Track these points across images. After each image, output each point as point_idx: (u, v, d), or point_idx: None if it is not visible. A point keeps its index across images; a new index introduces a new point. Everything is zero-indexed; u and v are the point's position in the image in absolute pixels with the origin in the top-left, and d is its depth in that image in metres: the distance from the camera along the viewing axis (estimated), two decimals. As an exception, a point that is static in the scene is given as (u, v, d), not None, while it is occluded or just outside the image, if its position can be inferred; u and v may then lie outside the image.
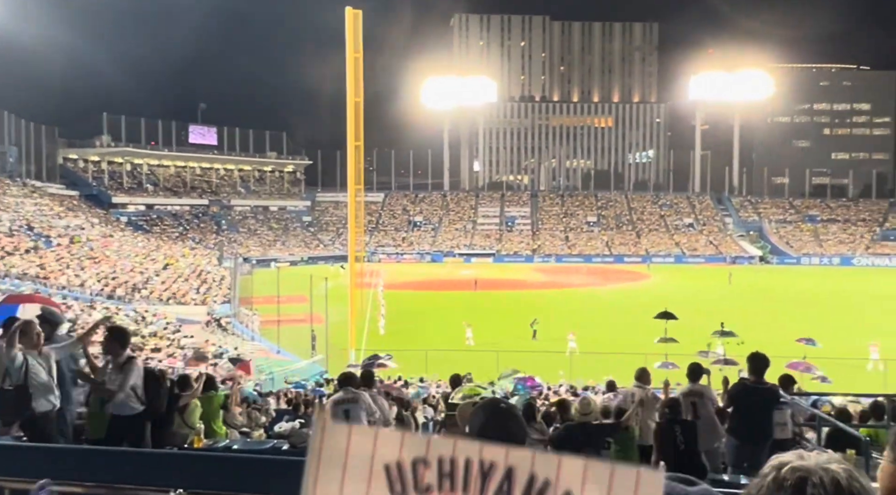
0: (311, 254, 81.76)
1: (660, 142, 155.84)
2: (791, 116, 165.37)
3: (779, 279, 63.57)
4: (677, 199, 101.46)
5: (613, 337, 30.57)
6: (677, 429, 6.41)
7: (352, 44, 31.13)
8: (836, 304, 45.41)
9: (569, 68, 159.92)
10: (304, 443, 7.13)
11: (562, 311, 39.84)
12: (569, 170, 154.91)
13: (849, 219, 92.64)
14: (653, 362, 19.55)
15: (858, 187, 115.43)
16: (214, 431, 8.24)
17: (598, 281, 61.48)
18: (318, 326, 31.13)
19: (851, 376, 21.99)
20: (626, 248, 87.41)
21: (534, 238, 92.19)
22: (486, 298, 47.86)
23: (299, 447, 7.10)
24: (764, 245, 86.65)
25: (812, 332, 25.33)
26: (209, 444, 7.31)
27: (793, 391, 9.20)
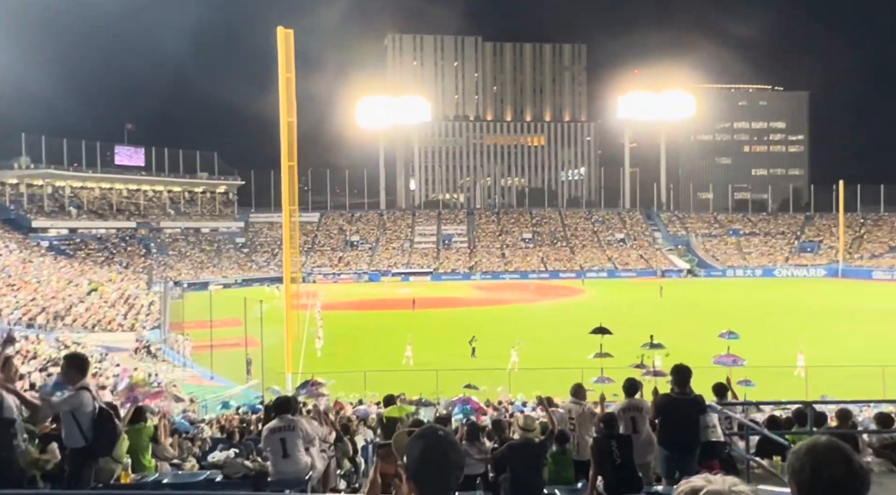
0: (246, 275, 80.00)
1: (591, 159, 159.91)
2: (713, 134, 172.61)
3: (707, 291, 65.84)
4: (609, 215, 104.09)
5: (551, 352, 30.93)
6: (613, 444, 6.51)
7: (284, 63, 30.84)
8: (761, 314, 47.30)
9: (501, 88, 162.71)
10: (239, 473, 6.90)
11: (500, 328, 40.12)
12: (504, 187, 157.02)
13: (769, 232, 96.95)
14: (589, 377, 19.86)
15: (777, 201, 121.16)
16: (143, 465, 7.89)
17: (534, 296, 62.28)
18: (253, 350, 30.39)
19: (777, 383, 22.88)
20: (561, 264, 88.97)
21: (471, 255, 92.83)
22: (425, 317, 47.77)
23: (234, 478, 6.87)
24: (691, 258, 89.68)
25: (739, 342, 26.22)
26: (137, 479, 7.00)
27: (726, 399, 9.48)
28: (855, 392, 18.74)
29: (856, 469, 1.76)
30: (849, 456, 1.78)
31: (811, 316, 46.07)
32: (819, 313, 47.50)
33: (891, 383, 21.04)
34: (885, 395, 18.77)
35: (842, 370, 23.98)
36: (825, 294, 61.62)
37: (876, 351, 29.59)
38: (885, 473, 6.53)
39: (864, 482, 1.75)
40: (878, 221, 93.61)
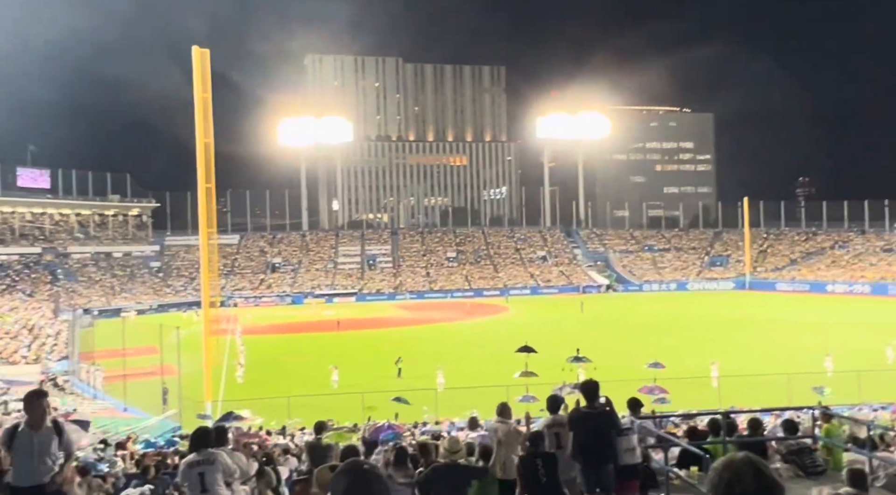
0: (162, 301, 76.97)
1: (512, 179, 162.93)
2: (627, 154, 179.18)
3: (625, 305, 67.92)
4: (530, 233, 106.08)
5: (477, 370, 31.11)
6: (539, 463, 6.57)
7: (199, 83, 30.10)
8: (676, 327, 49.15)
9: (423, 109, 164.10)
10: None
11: (426, 348, 40.07)
12: (427, 207, 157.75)
13: (681, 247, 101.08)
14: (514, 395, 20.07)
15: (688, 218, 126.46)
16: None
17: (459, 315, 62.58)
18: (169, 379, 29.17)
19: (692, 394, 23.75)
20: (485, 282, 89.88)
21: (395, 275, 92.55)
22: (350, 338, 47.22)
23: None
24: (610, 274, 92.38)
25: (656, 354, 27.16)
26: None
27: (640, 414, 9.76)
28: (764, 400, 19.68)
29: (769, 483, 1.85)
30: (762, 471, 1.88)
31: (722, 327, 48.22)
32: (729, 325, 49.78)
33: (796, 390, 22.20)
34: (791, 402, 19.77)
35: (751, 379, 25.14)
36: (734, 306, 64.66)
37: (782, 359, 31.22)
38: (792, 478, 6.88)
39: (776, 494, 1.85)
40: (779, 236, 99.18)
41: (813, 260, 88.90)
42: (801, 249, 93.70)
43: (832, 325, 46.31)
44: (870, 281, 75.02)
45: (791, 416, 13.06)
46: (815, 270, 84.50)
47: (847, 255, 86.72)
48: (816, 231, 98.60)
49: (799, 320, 50.87)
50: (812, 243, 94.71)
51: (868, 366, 26.92)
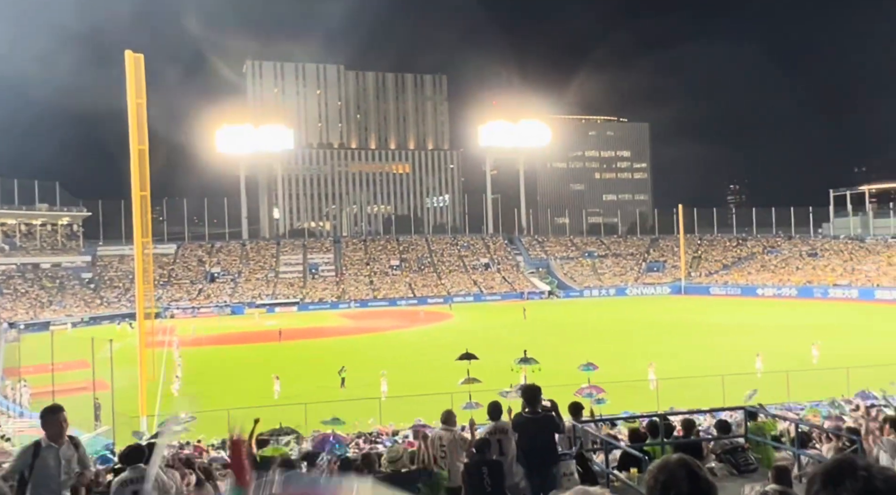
0: (94, 313, 74.17)
1: (455, 186, 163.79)
2: (567, 162, 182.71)
3: (567, 311, 69.04)
4: (473, 241, 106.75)
5: (421, 378, 31.04)
6: (484, 471, 6.60)
7: (133, 89, 29.25)
8: (615, 331, 50.21)
9: (365, 116, 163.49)
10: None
11: (370, 356, 39.78)
12: (370, 215, 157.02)
13: (620, 253, 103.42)
14: (459, 402, 20.11)
15: (626, 225, 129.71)
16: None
17: (404, 323, 62.41)
18: (102, 394, 28.09)
19: (631, 396, 24.27)
20: (429, 290, 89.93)
21: (338, 284, 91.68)
22: (292, 348, 46.48)
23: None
24: (552, 280, 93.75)
25: (597, 357, 27.62)
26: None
27: (581, 418, 9.92)
28: (699, 401, 20.27)
29: (702, 485, 1.91)
30: (696, 473, 1.95)
31: (659, 331, 49.50)
32: (666, 328, 51.15)
33: (730, 390, 22.94)
34: (725, 402, 20.42)
35: (687, 380, 25.87)
36: (670, 310, 66.48)
37: (716, 361, 32.25)
38: (726, 476, 7.10)
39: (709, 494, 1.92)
40: (712, 242, 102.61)
41: (744, 264, 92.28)
42: (733, 254, 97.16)
43: (762, 327, 48.13)
44: (796, 284, 78.32)
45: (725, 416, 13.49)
46: (745, 275, 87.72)
47: (775, 260, 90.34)
48: (746, 237, 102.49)
49: (731, 323, 52.68)
50: (742, 248, 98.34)
51: (795, 366, 28.09)
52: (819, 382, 23.62)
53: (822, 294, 72.99)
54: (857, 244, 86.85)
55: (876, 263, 77.56)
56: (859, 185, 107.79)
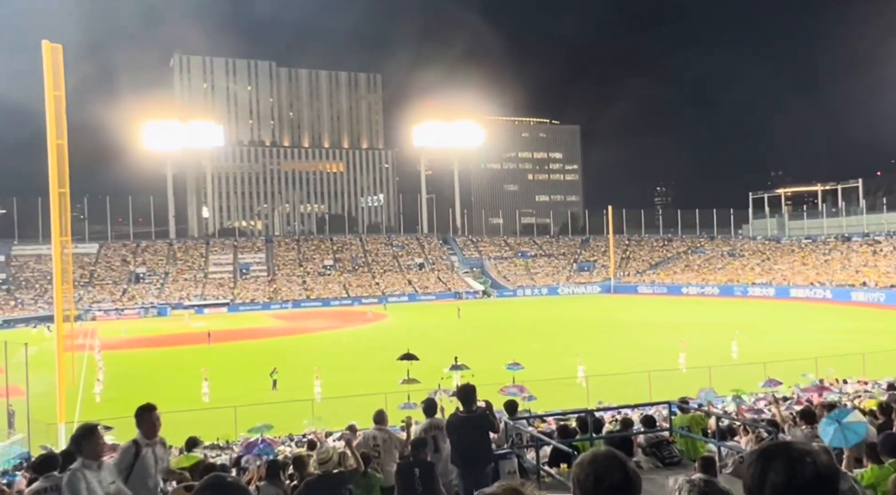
0: (8, 316, 70.42)
1: (389, 186, 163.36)
2: (501, 163, 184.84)
3: (500, 310, 69.81)
4: (408, 241, 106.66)
5: (357, 379, 30.81)
6: (416, 471, 6.60)
7: (51, 81, 27.93)
8: (548, 330, 51.08)
9: (298, 114, 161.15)
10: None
11: (303, 358, 39.19)
12: (303, 214, 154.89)
13: (552, 253, 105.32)
14: (394, 402, 20.06)
15: (558, 225, 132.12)
16: None
17: (337, 323, 61.80)
18: (17, 400, 26.71)
19: (562, 393, 24.75)
20: (363, 290, 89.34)
21: (270, 284, 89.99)
22: (222, 350, 45.31)
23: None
24: (486, 280, 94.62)
25: (528, 355, 28.09)
26: None
27: (516, 415, 10.06)
28: (627, 396, 20.85)
29: (631, 475, 1.97)
30: (624, 464, 2.00)
31: (589, 329, 50.68)
32: (596, 326, 52.40)
33: (656, 386, 23.69)
34: (652, 398, 21.06)
35: (616, 377, 26.57)
36: (600, 309, 68.15)
37: (643, 357, 33.23)
38: (652, 469, 7.33)
39: (638, 485, 1.98)
40: (640, 242, 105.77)
41: (669, 264, 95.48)
42: (659, 254, 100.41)
43: (686, 325, 49.88)
44: (718, 283, 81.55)
45: (651, 411, 13.92)
46: (671, 274, 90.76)
47: (699, 260, 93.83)
48: (672, 237, 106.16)
49: (657, 320, 54.40)
50: (668, 249, 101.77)
51: (717, 362, 29.24)
52: (738, 376, 24.64)
53: (742, 292, 76.26)
54: (773, 244, 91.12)
55: (791, 263, 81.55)
56: (776, 189, 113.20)
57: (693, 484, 3.70)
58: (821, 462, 1.71)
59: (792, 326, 48.36)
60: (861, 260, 74.37)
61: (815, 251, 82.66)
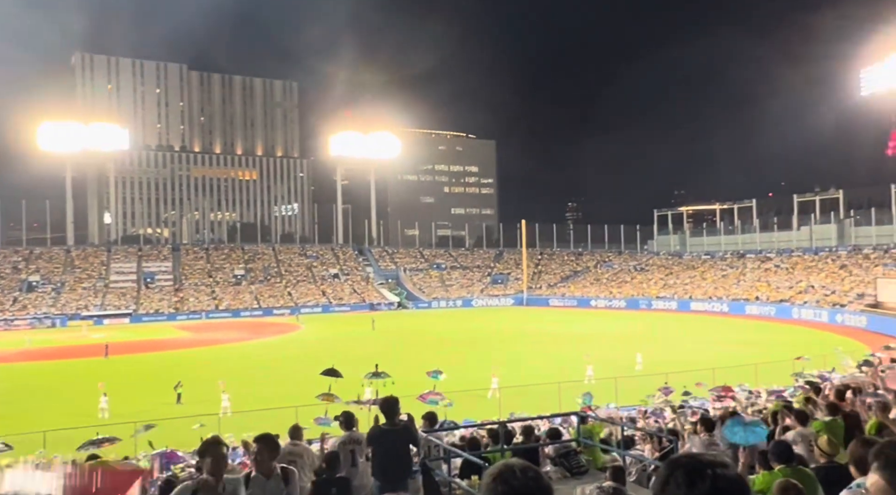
0: None
1: (304, 195, 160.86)
2: (418, 175, 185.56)
3: (415, 322, 69.87)
4: (323, 251, 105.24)
5: (268, 392, 30.07)
6: (333, 491, 6.53)
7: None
8: (462, 341, 51.51)
9: (210, 119, 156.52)
10: None
11: (210, 370, 37.89)
12: (213, 222, 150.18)
13: (467, 266, 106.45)
14: (307, 416, 19.70)
15: (473, 238, 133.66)
16: None
17: (248, 335, 60.15)
18: None
19: (474, 404, 25.01)
20: (275, 301, 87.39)
21: (176, 294, 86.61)
22: (122, 364, 43.18)
23: None
24: (401, 291, 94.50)
25: (442, 367, 28.17)
26: None
27: (436, 427, 10.12)
28: (538, 407, 21.31)
29: (543, 485, 2.02)
30: (538, 475, 2.06)
31: (502, 341, 51.46)
32: (509, 338, 53.27)
33: (566, 397, 24.30)
34: (561, 408, 21.59)
35: (527, 388, 27.09)
36: (513, 321, 69.36)
37: (553, 369, 34.02)
38: (560, 479, 7.54)
39: (547, 493, 2.03)
40: (552, 256, 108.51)
41: (579, 278, 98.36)
42: (570, 268, 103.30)
43: (594, 337, 51.50)
44: (625, 296, 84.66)
45: (559, 422, 14.28)
46: (581, 287, 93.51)
47: (607, 274, 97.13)
48: (582, 251, 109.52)
49: (567, 332, 55.88)
50: (579, 262, 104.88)
51: (622, 373, 30.32)
52: (642, 387, 25.63)
53: (647, 305, 79.46)
54: (676, 260, 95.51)
55: (691, 277, 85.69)
56: (679, 207, 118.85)
57: (604, 491, 3.85)
58: (723, 475, 1.72)
59: (692, 338, 50.75)
60: (755, 275, 79.02)
61: (714, 267, 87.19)
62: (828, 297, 64.08)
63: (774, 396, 18.75)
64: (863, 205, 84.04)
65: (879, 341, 39.86)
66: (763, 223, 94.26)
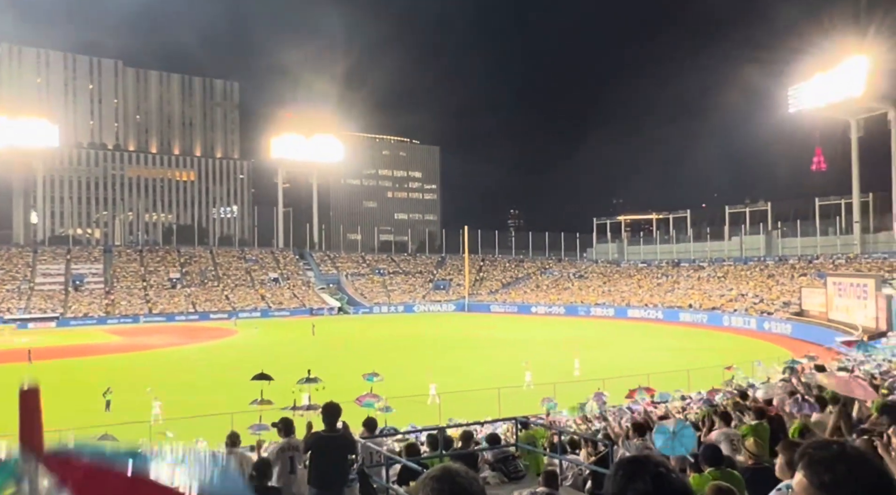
0: None
1: (244, 198, 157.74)
2: (361, 180, 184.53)
3: (356, 327, 69.31)
4: (262, 254, 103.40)
5: (203, 398, 29.29)
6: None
7: None
8: (403, 347, 51.36)
9: (146, 118, 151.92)
10: None
11: (141, 376, 36.68)
12: (148, 223, 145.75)
13: (409, 271, 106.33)
14: (242, 422, 19.27)
15: (416, 243, 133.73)
16: None
17: (182, 340, 58.52)
18: None
19: (414, 409, 24.94)
20: (212, 305, 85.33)
21: (107, 297, 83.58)
22: (47, 369, 41.33)
23: None
24: (342, 296, 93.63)
25: (382, 371, 28.05)
26: None
27: (376, 433, 10.03)
28: (478, 413, 21.41)
29: (476, 489, 2.03)
30: (471, 479, 2.06)
31: (443, 346, 51.56)
32: (449, 344, 53.42)
33: (505, 403, 24.51)
34: (501, 414, 21.77)
35: (468, 394, 27.20)
36: (454, 326, 69.57)
37: (493, 374, 34.27)
38: (498, 484, 7.58)
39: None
40: (494, 262, 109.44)
41: (520, 284, 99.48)
42: (511, 274, 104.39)
43: (534, 342, 52.16)
44: (565, 303, 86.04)
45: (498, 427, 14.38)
46: (521, 293, 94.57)
47: (547, 280, 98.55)
48: (523, 258, 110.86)
49: (508, 338, 56.42)
50: (520, 269, 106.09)
51: (561, 378, 30.79)
52: (579, 392, 26.06)
53: (586, 312, 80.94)
54: (614, 267, 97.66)
55: (629, 285, 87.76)
56: (617, 216, 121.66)
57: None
58: (664, 473, 1.82)
59: (628, 344, 51.94)
60: (688, 284, 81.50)
61: (650, 275, 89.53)
62: (756, 305, 66.59)
63: (705, 402, 19.34)
64: (789, 218, 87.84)
65: (803, 347, 41.72)
66: (697, 233, 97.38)
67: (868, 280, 50.62)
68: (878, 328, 45.18)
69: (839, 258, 72.32)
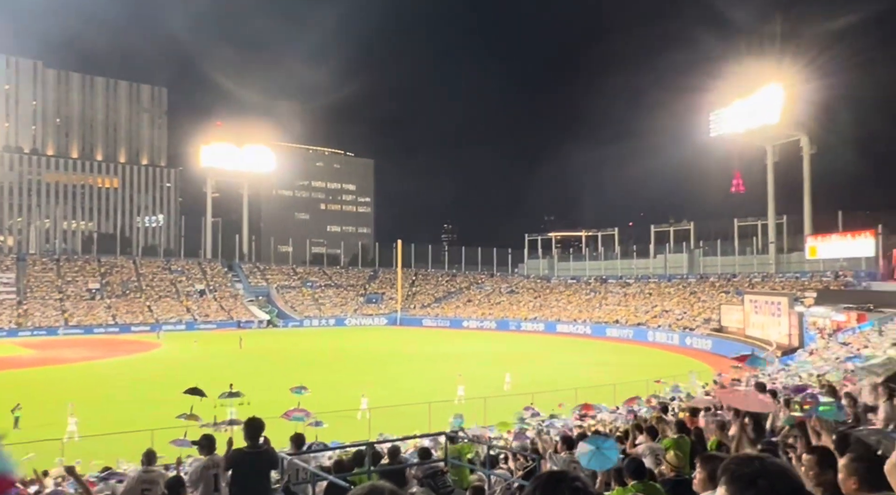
0: None
1: (170, 207, 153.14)
2: (293, 191, 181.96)
3: (286, 341, 68.03)
4: (189, 265, 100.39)
5: (122, 414, 28.12)
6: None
7: None
8: (332, 361, 50.72)
9: (67, 121, 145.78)
10: None
11: (55, 392, 34.92)
12: (66, 231, 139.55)
13: (341, 284, 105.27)
14: (163, 438, 18.59)
15: (348, 256, 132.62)
16: None
17: (100, 353, 56.06)
18: None
19: (343, 426, 24.64)
20: (134, 317, 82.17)
21: (19, 308, 79.32)
22: (-49, 386, 38.84)
23: None
24: (272, 309, 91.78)
25: (311, 386, 27.58)
26: None
27: (303, 449, 9.86)
28: (408, 427, 21.33)
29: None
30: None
31: (374, 360, 51.21)
32: (381, 358, 53.10)
33: (435, 417, 24.49)
34: (431, 428, 21.74)
35: (398, 409, 27.06)
36: (386, 341, 69.22)
37: (425, 389, 34.24)
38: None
39: None
40: (426, 276, 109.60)
41: (452, 299, 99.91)
42: (444, 289, 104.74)
43: (466, 357, 52.41)
44: (496, 318, 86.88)
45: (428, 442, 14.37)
46: (454, 308, 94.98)
47: (479, 295, 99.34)
48: (456, 273, 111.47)
49: (439, 353, 56.51)
50: (452, 284, 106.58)
51: (492, 392, 31.03)
52: (510, 406, 26.32)
53: (517, 326, 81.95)
54: (544, 283, 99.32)
55: (558, 300, 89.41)
56: (548, 232, 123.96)
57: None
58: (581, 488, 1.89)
59: (558, 359, 52.83)
60: (615, 299, 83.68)
61: (579, 291, 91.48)
62: (679, 321, 68.95)
63: (630, 416, 19.86)
64: (710, 237, 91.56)
65: (722, 362, 43.37)
66: (624, 250, 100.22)
67: (782, 298, 53.22)
68: (790, 344, 47.53)
69: (756, 277, 75.75)
